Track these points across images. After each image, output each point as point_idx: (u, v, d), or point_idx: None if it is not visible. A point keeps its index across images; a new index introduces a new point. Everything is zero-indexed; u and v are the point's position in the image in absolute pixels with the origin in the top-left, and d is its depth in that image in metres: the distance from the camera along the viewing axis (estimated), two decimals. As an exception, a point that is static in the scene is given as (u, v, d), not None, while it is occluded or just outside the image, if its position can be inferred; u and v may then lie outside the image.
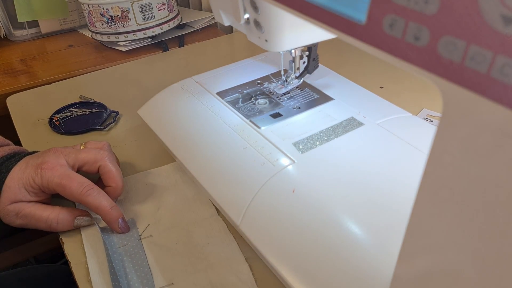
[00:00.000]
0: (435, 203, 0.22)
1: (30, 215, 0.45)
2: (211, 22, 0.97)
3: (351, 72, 0.66)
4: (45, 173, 0.45)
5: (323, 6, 0.24)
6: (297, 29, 0.44)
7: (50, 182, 0.45)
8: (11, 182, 0.45)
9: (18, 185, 0.45)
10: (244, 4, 0.43)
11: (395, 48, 0.20)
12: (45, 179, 0.45)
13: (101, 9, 0.83)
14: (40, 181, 0.45)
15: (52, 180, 0.45)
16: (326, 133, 0.47)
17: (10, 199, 0.44)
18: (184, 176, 0.51)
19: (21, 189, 0.45)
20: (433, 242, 0.24)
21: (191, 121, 0.52)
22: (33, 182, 0.45)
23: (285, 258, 0.37)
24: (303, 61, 0.51)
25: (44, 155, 0.47)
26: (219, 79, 0.59)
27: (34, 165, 0.46)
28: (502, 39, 0.16)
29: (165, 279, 0.40)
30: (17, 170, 0.46)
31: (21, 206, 0.45)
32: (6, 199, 0.45)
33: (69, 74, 0.80)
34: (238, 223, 0.41)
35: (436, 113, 0.60)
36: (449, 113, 0.20)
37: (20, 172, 0.45)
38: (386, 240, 0.36)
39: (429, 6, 0.18)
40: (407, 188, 0.39)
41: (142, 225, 0.46)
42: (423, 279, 0.26)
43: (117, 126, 0.63)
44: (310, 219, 0.39)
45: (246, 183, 0.43)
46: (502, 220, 0.19)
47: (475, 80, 0.17)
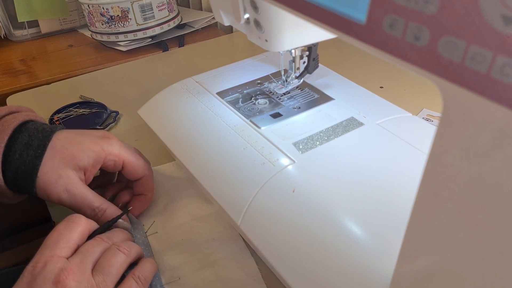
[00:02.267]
0: (435, 203, 0.22)
1: (82, 197, 0.41)
2: (211, 22, 0.97)
3: (351, 72, 0.66)
4: (115, 142, 0.43)
5: (323, 6, 0.24)
6: (297, 29, 0.44)
7: (121, 153, 0.43)
8: (67, 142, 0.42)
9: (78, 148, 0.42)
10: (244, 4, 0.43)
11: (395, 48, 0.20)
12: (115, 149, 0.43)
13: (101, 9, 0.83)
14: (110, 149, 0.43)
15: (124, 152, 0.43)
16: (326, 133, 0.47)
17: (65, 162, 0.41)
18: (188, 173, 0.52)
19: (82, 152, 0.41)
20: (433, 242, 0.24)
21: (191, 121, 0.52)
22: (100, 148, 0.42)
23: (285, 258, 0.37)
24: (303, 61, 0.51)
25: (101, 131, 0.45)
26: (219, 79, 0.59)
27: (97, 135, 0.44)
28: (502, 39, 0.16)
29: (171, 274, 0.40)
30: (73, 132, 0.43)
31: (74, 180, 0.41)
32: (61, 159, 0.41)
33: (69, 74, 0.80)
34: (238, 223, 0.41)
35: (436, 113, 0.60)
36: (449, 113, 0.20)
37: (80, 136, 0.43)
38: (386, 240, 0.36)
39: (429, 6, 0.18)
40: (407, 188, 0.39)
41: (148, 222, 0.46)
42: (423, 279, 0.26)
43: (117, 126, 0.64)
44: (310, 219, 0.39)
45: (246, 183, 0.43)
46: (502, 220, 0.19)
47: (475, 80, 0.17)
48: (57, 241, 0.36)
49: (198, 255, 0.42)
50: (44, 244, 0.36)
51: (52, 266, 0.34)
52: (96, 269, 0.35)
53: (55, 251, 0.35)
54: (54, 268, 0.34)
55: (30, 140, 0.41)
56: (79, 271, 0.34)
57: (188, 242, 0.44)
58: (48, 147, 0.41)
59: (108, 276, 0.35)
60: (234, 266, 0.41)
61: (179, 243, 0.43)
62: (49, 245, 0.35)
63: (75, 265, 0.34)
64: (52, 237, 0.36)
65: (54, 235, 0.36)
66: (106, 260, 0.36)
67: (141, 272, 0.38)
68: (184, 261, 0.42)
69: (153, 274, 0.39)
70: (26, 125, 0.42)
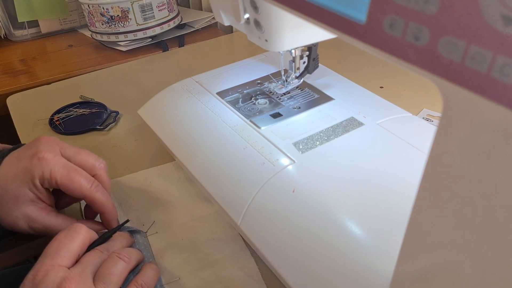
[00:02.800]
0: (435, 203, 0.22)
1: (47, 228, 0.40)
2: (211, 22, 0.97)
3: (351, 72, 0.66)
4: (45, 163, 0.39)
5: (323, 6, 0.24)
6: (297, 29, 0.44)
7: (54, 174, 0.39)
8: (6, 182, 0.39)
9: (15, 183, 0.39)
10: (244, 4, 0.43)
11: (395, 48, 0.20)
12: (46, 170, 0.39)
13: (101, 9, 0.83)
14: (41, 172, 0.39)
15: (57, 171, 0.39)
16: (326, 133, 0.47)
17: (13, 203, 0.39)
18: (188, 173, 0.52)
19: (21, 188, 0.39)
20: (433, 242, 0.24)
21: (191, 121, 0.52)
22: (31, 176, 0.39)
23: (285, 258, 0.38)
24: (303, 61, 0.51)
25: (36, 145, 0.40)
26: (219, 79, 0.59)
27: (28, 157, 0.39)
28: (502, 39, 0.16)
29: (172, 274, 0.40)
30: (7, 167, 0.40)
31: (32, 215, 0.40)
32: (8, 204, 0.39)
33: (69, 74, 0.80)
34: (238, 223, 0.41)
35: (436, 113, 0.60)
36: (449, 113, 0.20)
37: (14, 167, 0.39)
38: (386, 240, 0.36)
39: (429, 6, 0.18)
40: (407, 188, 0.39)
41: (147, 222, 0.46)
42: (423, 279, 0.26)
43: (117, 126, 0.64)
44: (310, 219, 0.39)
45: (246, 183, 0.43)
46: (502, 220, 0.19)
47: (475, 80, 0.17)
48: (58, 249, 0.35)
49: (198, 255, 0.42)
50: (45, 253, 0.35)
51: (53, 276, 0.33)
52: (97, 278, 0.35)
53: (56, 260, 0.35)
54: (55, 278, 0.33)
55: None
56: (81, 280, 0.34)
57: (188, 242, 0.44)
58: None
59: (109, 285, 0.35)
60: (234, 266, 0.41)
61: (179, 243, 0.43)
62: (50, 254, 0.35)
63: (77, 274, 0.34)
64: (53, 246, 0.36)
65: (55, 243, 0.36)
66: (107, 268, 0.36)
67: (143, 279, 0.37)
68: (184, 261, 0.42)
69: (155, 281, 0.39)
70: None
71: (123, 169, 0.54)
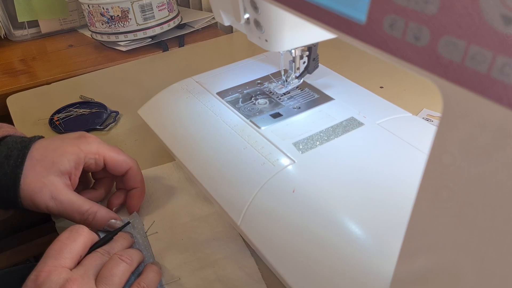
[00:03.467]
0: (435, 203, 0.22)
1: (69, 203, 0.41)
2: (211, 22, 0.97)
3: (351, 72, 0.66)
4: (93, 140, 0.43)
5: (323, 6, 0.24)
6: (297, 29, 0.44)
7: (101, 149, 0.43)
8: (46, 151, 0.41)
9: (57, 153, 0.41)
10: (244, 4, 0.43)
11: (395, 48, 0.20)
12: (94, 147, 0.42)
13: (101, 9, 0.83)
14: (88, 148, 0.42)
15: (103, 147, 0.43)
16: (326, 133, 0.47)
17: (47, 169, 0.40)
18: (188, 173, 0.52)
19: (62, 157, 0.41)
20: (433, 241, 0.24)
21: (191, 121, 0.52)
22: (78, 149, 0.42)
23: (285, 258, 0.37)
24: (303, 61, 0.51)
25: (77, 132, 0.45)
26: (219, 79, 0.59)
27: (73, 137, 0.43)
28: (502, 39, 0.16)
29: (172, 274, 0.41)
30: (49, 141, 0.42)
31: (59, 186, 0.41)
32: (42, 168, 0.40)
33: (69, 74, 0.80)
34: (238, 223, 0.41)
35: (436, 113, 0.60)
36: (449, 113, 0.20)
37: (58, 141, 0.42)
38: (386, 240, 0.36)
39: (429, 6, 0.18)
40: (407, 188, 0.39)
41: (147, 222, 0.46)
42: (423, 279, 0.26)
43: (117, 126, 0.63)
44: (310, 219, 0.39)
45: (246, 183, 0.43)
46: (502, 220, 0.19)
47: (475, 80, 0.17)
48: (61, 250, 0.36)
49: (198, 255, 0.42)
50: (47, 254, 0.35)
51: (56, 277, 0.34)
52: (99, 279, 0.35)
53: (59, 261, 0.35)
54: (58, 279, 0.34)
55: (9, 152, 0.41)
56: (83, 281, 0.34)
57: (188, 242, 0.44)
58: (27, 157, 0.41)
59: (111, 286, 0.35)
60: (234, 266, 0.41)
61: (179, 243, 0.43)
62: (53, 255, 0.35)
63: (79, 276, 0.34)
64: (55, 246, 0.36)
65: (58, 244, 0.36)
66: (109, 270, 0.36)
67: (146, 281, 0.38)
68: (184, 261, 0.42)
69: (157, 283, 0.39)
70: (5, 139, 0.43)
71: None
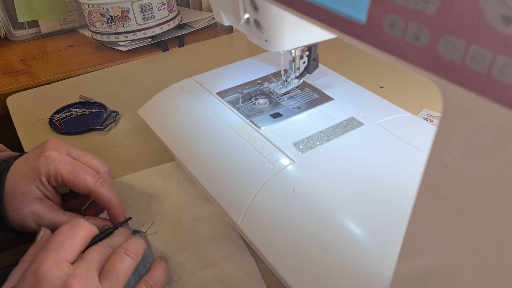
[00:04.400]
0: (435, 203, 0.22)
1: (54, 224, 0.40)
2: (211, 22, 0.97)
3: (351, 72, 0.66)
4: (51, 161, 0.40)
5: (323, 6, 0.24)
6: (297, 29, 0.44)
7: (59, 170, 0.40)
8: (14, 181, 0.40)
9: (23, 181, 0.40)
10: (244, 4, 0.43)
11: (395, 48, 0.20)
12: (52, 167, 0.40)
13: (101, 9, 0.83)
14: (47, 169, 0.40)
15: (62, 167, 0.40)
16: (326, 133, 0.47)
17: (21, 201, 0.40)
18: (188, 173, 0.52)
19: (29, 185, 0.40)
20: (433, 242, 0.24)
21: (191, 121, 0.52)
22: (38, 173, 0.40)
23: (285, 258, 0.37)
24: (303, 61, 0.51)
25: (44, 145, 0.42)
26: (219, 79, 0.59)
27: (35, 156, 0.41)
28: (502, 39, 0.16)
29: (171, 274, 0.41)
30: (16, 167, 0.41)
31: (39, 212, 0.40)
32: (17, 201, 0.40)
33: (69, 74, 0.80)
34: (238, 223, 0.41)
35: (436, 113, 0.60)
36: (449, 113, 0.20)
37: (22, 166, 0.41)
38: (386, 240, 0.36)
39: (429, 6, 0.18)
40: (407, 188, 0.39)
41: (147, 222, 0.46)
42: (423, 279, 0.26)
43: (117, 126, 0.63)
44: (310, 219, 0.39)
45: (246, 183, 0.43)
46: (502, 220, 0.19)
47: (475, 80, 0.17)
48: (62, 243, 0.35)
49: (198, 255, 0.42)
50: (48, 246, 0.35)
51: (58, 272, 0.33)
52: (103, 275, 0.35)
53: (60, 255, 0.34)
54: (60, 274, 0.33)
55: None
56: (87, 277, 0.33)
57: (188, 242, 0.44)
58: (4, 193, 0.41)
59: (115, 283, 0.34)
60: (234, 266, 0.41)
61: (179, 243, 0.43)
62: (53, 247, 0.34)
63: (83, 271, 0.34)
64: (56, 239, 0.35)
65: (59, 237, 0.35)
66: (113, 265, 0.35)
67: (153, 279, 0.37)
68: (184, 261, 0.42)
69: (165, 281, 0.38)
70: None
71: (123, 169, 0.54)
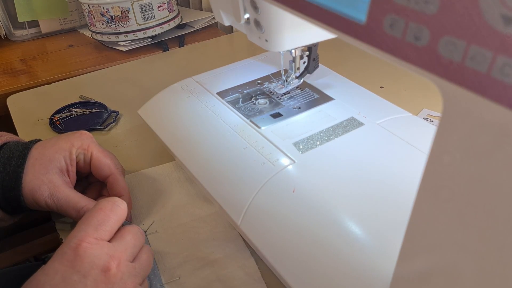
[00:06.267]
0: (435, 203, 0.22)
1: (65, 200, 0.41)
2: (211, 22, 0.97)
3: (351, 72, 0.66)
4: (86, 138, 0.44)
5: (323, 6, 0.24)
6: (297, 29, 0.44)
7: (91, 146, 0.44)
8: (44, 149, 0.43)
9: (53, 149, 0.42)
10: (244, 4, 0.43)
11: (395, 48, 0.20)
12: (86, 143, 0.44)
13: (101, 9, 0.83)
14: (80, 143, 0.44)
15: (94, 146, 0.44)
16: (326, 133, 0.47)
17: (45, 167, 0.41)
18: (188, 173, 0.52)
19: (57, 154, 0.42)
20: (433, 241, 0.24)
21: (191, 121, 0.52)
22: (71, 144, 0.43)
23: (285, 258, 0.37)
24: (303, 61, 0.51)
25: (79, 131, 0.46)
26: (219, 79, 0.59)
27: (69, 134, 0.45)
28: (502, 39, 0.16)
29: (171, 274, 0.41)
30: (47, 140, 0.44)
31: (57, 183, 0.42)
32: (41, 167, 0.41)
33: (69, 74, 0.80)
34: (238, 223, 0.41)
35: (436, 113, 0.60)
36: (449, 113, 0.20)
37: (54, 139, 0.44)
38: (386, 240, 0.36)
39: (429, 6, 0.18)
40: (407, 188, 0.39)
41: (147, 222, 0.46)
42: (423, 279, 0.26)
43: (117, 126, 0.64)
44: (310, 219, 0.39)
45: (246, 183, 0.43)
46: (502, 220, 0.19)
47: (475, 80, 0.17)
48: (103, 222, 0.35)
49: (198, 254, 0.42)
50: (88, 222, 0.35)
51: (99, 251, 0.33)
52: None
53: (99, 233, 0.34)
54: (102, 254, 0.33)
55: (11, 153, 0.42)
56: (125, 261, 0.34)
57: (188, 242, 0.44)
58: (28, 157, 0.42)
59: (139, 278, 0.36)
60: (234, 266, 0.41)
61: (179, 243, 0.43)
62: (94, 225, 0.34)
63: (121, 253, 0.34)
64: (97, 216, 0.35)
65: (101, 214, 0.35)
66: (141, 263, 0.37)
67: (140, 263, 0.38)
68: (184, 261, 0.42)
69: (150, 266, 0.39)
70: (7, 143, 0.44)
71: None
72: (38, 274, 0.33)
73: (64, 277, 0.32)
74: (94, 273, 0.32)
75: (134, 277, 0.35)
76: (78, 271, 0.32)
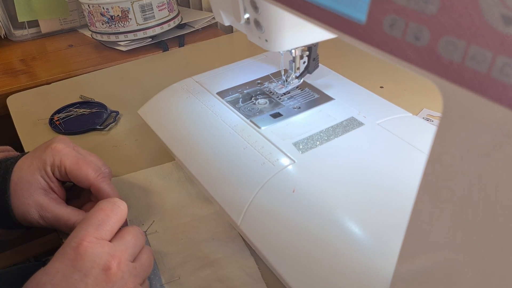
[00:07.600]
0: (435, 203, 0.22)
1: (55, 218, 0.41)
2: (211, 22, 0.97)
3: (351, 72, 0.66)
4: (57, 152, 0.42)
5: (323, 6, 0.24)
6: (297, 29, 0.44)
7: (63, 161, 0.41)
8: (21, 171, 0.41)
9: (29, 171, 0.41)
10: (244, 4, 0.43)
11: (395, 48, 0.20)
12: (57, 158, 0.41)
13: (101, 9, 0.83)
14: (52, 160, 0.41)
15: (66, 159, 0.41)
16: (326, 133, 0.47)
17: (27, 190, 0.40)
18: (188, 173, 0.52)
19: (34, 175, 0.41)
20: (433, 241, 0.24)
21: (191, 121, 0.52)
22: (43, 163, 0.41)
23: (285, 258, 0.37)
24: (303, 61, 0.51)
25: (51, 140, 0.44)
26: (219, 79, 0.59)
27: (42, 148, 0.43)
28: (502, 39, 0.16)
29: (171, 274, 0.41)
30: (24, 159, 0.42)
31: (43, 203, 0.41)
32: (22, 191, 0.40)
33: (69, 74, 0.80)
34: (238, 223, 0.41)
35: (436, 113, 0.60)
36: (449, 113, 0.20)
37: (29, 158, 0.42)
38: (386, 240, 0.36)
39: (429, 6, 0.18)
40: (407, 188, 0.39)
41: (147, 222, 0.46)
42: (423, 279, 0.26)
43: (117, 126, 0.64)
44: (310, 219, 0.39)
45: (246, 183, 0.43)
46: (502, 220, 0.19)
47: (475, 80, 0.17)
48: (104, 222, 0.35)
49: (198, 254, 0.42)
50: (89, 222, 0.35)
51: (100, 250, 0.33)
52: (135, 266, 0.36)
53: (99, 232, 0.34)
54: (102, 253, 0.33)
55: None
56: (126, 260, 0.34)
57: (188, 242, 0.44)
58: (10, 183, 0.41)
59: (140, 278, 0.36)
60: (234, 266, 0.41)
61: (179, 243, 0.43)
62: (95, 224, 0.34)
63: (122, 253, 0.34)
64: (98, 216, 0.35)
65: (101, 214, 0.35)
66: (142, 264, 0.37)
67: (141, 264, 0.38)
68: (184, 261, 0.42)
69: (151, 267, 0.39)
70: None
71: (123, 169, 0.54)
72: (38, 273, 0.33)
73: (65, 276, 0.32)
74: (95, 272, 0.32)
75: (135, 277, 0.35)
76: (79, 270, 0.32)
